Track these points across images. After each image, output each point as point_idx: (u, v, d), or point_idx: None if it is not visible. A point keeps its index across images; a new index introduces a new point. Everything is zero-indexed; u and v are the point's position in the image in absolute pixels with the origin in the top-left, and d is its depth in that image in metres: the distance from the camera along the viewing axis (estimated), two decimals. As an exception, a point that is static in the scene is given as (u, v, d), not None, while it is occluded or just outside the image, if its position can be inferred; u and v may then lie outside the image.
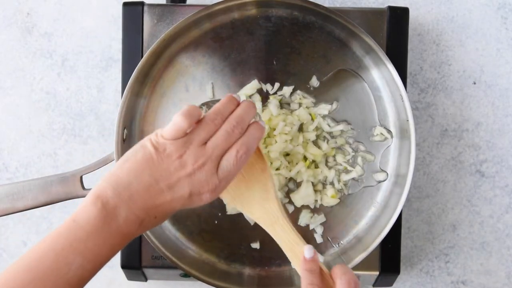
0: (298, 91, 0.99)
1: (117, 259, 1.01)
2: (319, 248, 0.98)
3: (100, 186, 0.74)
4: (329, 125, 0.98)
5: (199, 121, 0.78)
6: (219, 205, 0.98)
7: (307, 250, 0.78)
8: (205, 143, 0.77)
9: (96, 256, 0.72)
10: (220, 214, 0.99)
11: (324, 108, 0.98)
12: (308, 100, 0.99)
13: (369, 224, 0.98)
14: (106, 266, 1.09)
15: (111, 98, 1.09)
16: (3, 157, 1.10)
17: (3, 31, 1.10)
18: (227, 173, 0.77)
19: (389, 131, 0.98)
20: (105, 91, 1.09)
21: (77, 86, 1.09)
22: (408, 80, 1.06)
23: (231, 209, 0.98)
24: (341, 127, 0.98)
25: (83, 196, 0.91)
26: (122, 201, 0.73)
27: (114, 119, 0.94)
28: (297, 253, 0.78)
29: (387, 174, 0.98)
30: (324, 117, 0.99)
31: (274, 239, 0.81)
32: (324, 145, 0.98)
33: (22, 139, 1.10)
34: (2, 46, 1.10)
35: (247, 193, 0.82)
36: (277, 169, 0.97)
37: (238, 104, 0.81)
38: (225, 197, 0.83)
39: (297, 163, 0.97)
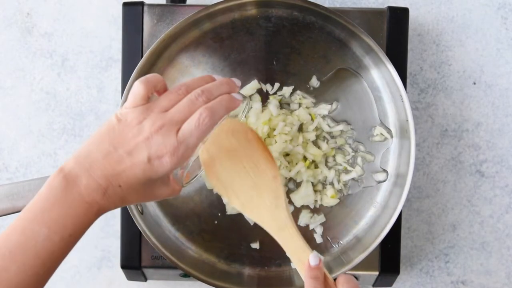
0: (298, 91, 0.99)
1: (117, 259, 1.01)
2: (319, 248, 0.98)
3: (66, 160, 0.75)
4: (329, 125, 0.98)
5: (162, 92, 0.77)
6: (219, 205, 0.98)
7: (313, 258, 0.78)
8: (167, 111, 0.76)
9: (61, 227, 0.72)
10: (220, 214, 0.99)
11: (324, 108, 0.98)
12: (308, 100, 0.99)
13: (369, 224, 0.98)
14: (106, 266, 1.10)
15: (111, 98, 1.09)
16: (3, 157, 1.10)
17: (3, 31, 1.10)
18: (188, 135, 0.74)
19: (389, 131, 0.98)
20: (105, 91, 1.09)
21: (77, 86, 1.09)
22: (408, 80, 1.06)
23: (231, 209, 0.98)
24: (341, 127, 0.98)
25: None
26: (82, 170, 0.73)
27: (114, 119, 0.94)
28: (303, 260, 0.78)
29: (387, 174, 0.98)
30: (324, 117, 0.99)
31: (281, 245, 0.81)
32: (324, 145, 0.98)
33: (22, 139, 1.10)
34: (2, 46, 1.10)
35: (257, 200, 0.82)
36: (277, 169, 0.97)
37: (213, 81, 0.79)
38: (235, 204, 0.83)
39: (297, 163, 0.97)
